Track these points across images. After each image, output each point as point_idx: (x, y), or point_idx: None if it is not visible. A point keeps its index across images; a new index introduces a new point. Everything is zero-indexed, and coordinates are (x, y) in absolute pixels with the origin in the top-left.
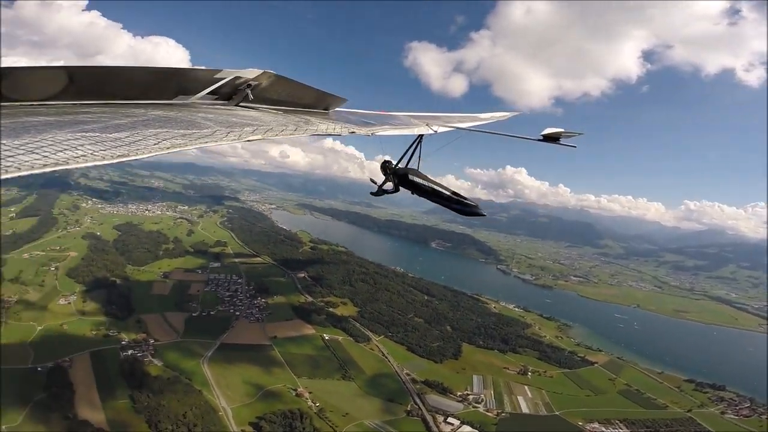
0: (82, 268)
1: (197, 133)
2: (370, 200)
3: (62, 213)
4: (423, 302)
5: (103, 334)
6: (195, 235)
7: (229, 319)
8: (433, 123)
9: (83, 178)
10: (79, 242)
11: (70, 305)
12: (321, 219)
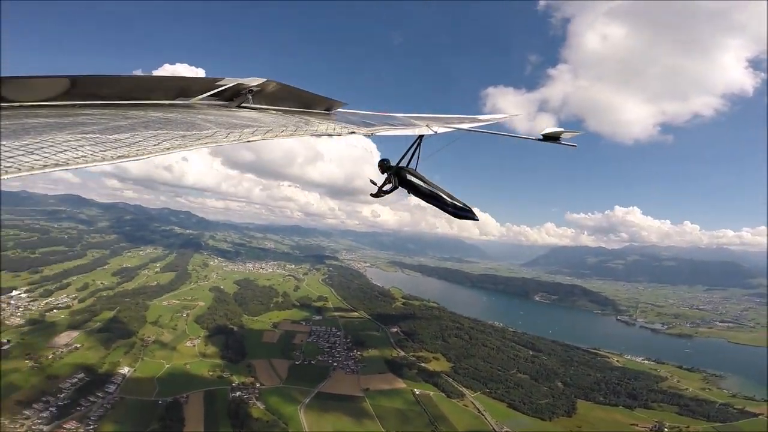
0: (207, 316)
1: (197, 135)
2: (461, 255)
3: (195, 269)
4: (527, 358)
5: (217, 375)
6: (300, 290)
7: (327, 369)
8: (434, 124)
9: (212, 240)
10: (207, 294)
11: (194, 347)
12: (411, 276)
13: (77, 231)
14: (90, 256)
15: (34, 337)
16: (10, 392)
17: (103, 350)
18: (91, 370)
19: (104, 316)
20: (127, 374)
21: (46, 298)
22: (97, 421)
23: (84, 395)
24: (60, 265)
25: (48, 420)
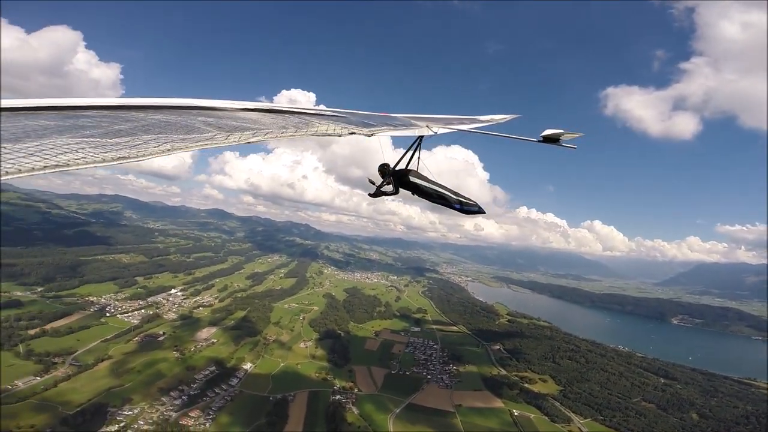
0: (320, 320)
1: (197, 137)
2: (579, 272)
3: (312, 276)
4: (657, 386)
5: (322, 378)
6: (401, 301)
7: (421, 381)
8: (434, 124)
9: (326, 250)
10: (321, 300)
11: (306, 349)
12: (519, 292)
13: (221, 240)
14: (230, 261)
15: (183, 330)
16: (156, 379)
17: (233, 346)
18: (221, 363)
19: (237, 315)
20: (249, 370)
21: (195, 296)
22: (216, 411)
23: (212, 387)
24: (207, 269)
25: (178, 407)
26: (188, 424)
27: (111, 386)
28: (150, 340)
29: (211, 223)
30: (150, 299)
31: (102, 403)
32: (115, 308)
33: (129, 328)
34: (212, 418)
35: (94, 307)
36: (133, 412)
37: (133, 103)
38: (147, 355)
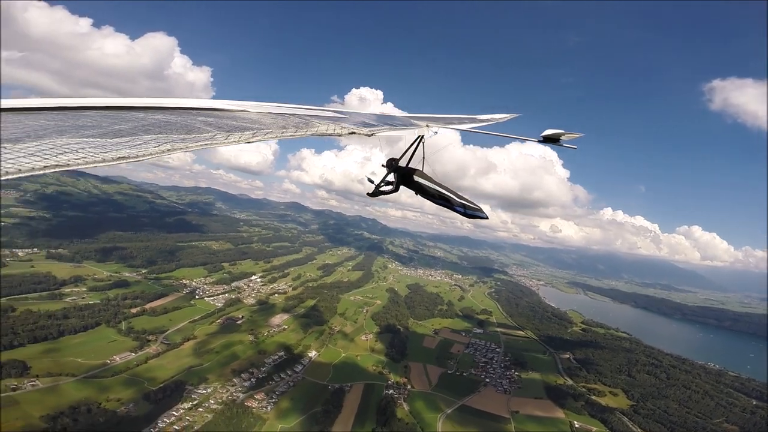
0: (382, 314)
1: (197, 137)
2: (670, 282)
3: (377, 270)
4: (746, 408)
5: (378, 371)
6: (465, 301)
7: (478, 384)
8: (434, 123)
9: (391, 245)
10: (384, 294)
11: (367, 342)
12: (598, 300)
13: (297, 231)
14: (304, 252)
15: (259, 315)
16: (231, 360)
17: (302, 333)
18: (289, 349)
19: (307, 304)
20: (313, 357)
21: (272, 284)
22: (279, 396)
23: (278, 371)
24: (284, 258)
25: (246, 389)
26: (252, 406)
27: (192, 365)
28: (230, 323)
29: (289, 215)
30: (233, 284)
31: (182, 381)
32: (204, 291)
33: (213, 311)
34: (274, 402)
35: (186, 289)
36: (206, 391)
37: (133, 104)
38: (226, 337)
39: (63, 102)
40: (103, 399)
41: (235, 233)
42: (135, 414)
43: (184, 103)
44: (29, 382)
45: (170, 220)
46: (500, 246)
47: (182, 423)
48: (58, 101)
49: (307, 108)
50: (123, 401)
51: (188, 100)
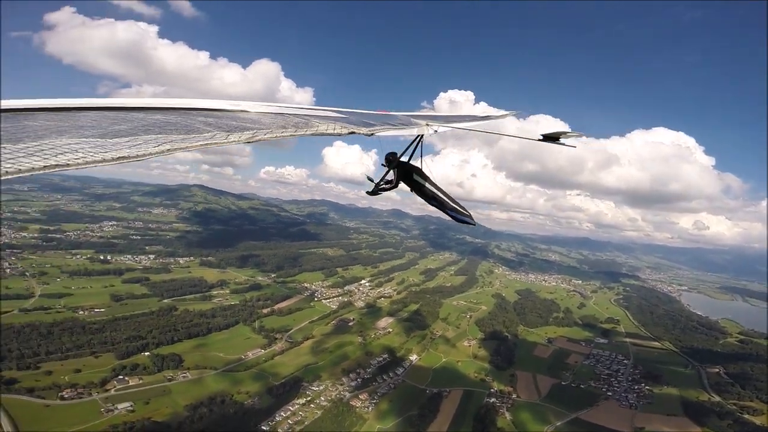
0: (487, 320)
1: (197, 137)
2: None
3: (482, 275)
4: None
5: (480, 378)
6: (586, 308)
7: (597, 397)
8: (433, 123)
9: (497, 249)
10: (489, 299)
11: (469, 348)
12: (759, 307)
13: (400, 237)
14: (407, 257)
15: (367, 318)
16: (342, 360)
17: (405, 337)
18: (392, 352)
19: (411, 308)
20: (414, 361)
21: (379, 288)
22: (380, 397)
23: (381, 373)
24: (389, 263)
25: (352, 389)
26: (356, 405)
27: (309, 363)
28: (342, 324)
29: (392, 221)
30: (346, 288)
31: (299, 378)
32: (321, 294)
33: (329, 312)
34: (375, 402)
35: (307, 292)
36: (319, 389)
37: (133, 104)
38: (339, 338)
39: (63, 102)
40: (235, 391)
41: (347, 240)
42: (258, 407)
43: (183, 104)
44: (182, 374)
45: (293, 230)
46: (628, 247)
47: (295, 418)
48: (58, 101)
49: (307, 108)
50: (250, 394)
51: (188, 100)
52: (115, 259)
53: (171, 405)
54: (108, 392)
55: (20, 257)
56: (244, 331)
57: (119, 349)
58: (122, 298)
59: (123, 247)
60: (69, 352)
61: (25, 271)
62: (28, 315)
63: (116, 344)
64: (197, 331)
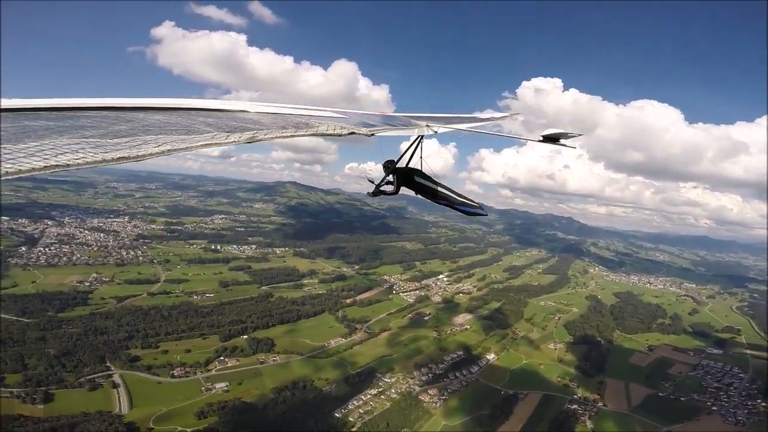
0: (577, 323)
1: (197, 138)
2: None
3: (574, 275)
4: None
5: (564, 383)
6: (699, 315)
7: (698, 411)
8: (434, 123)
9: (593, 247)
10: (582, 301)
11: (554, 351)
12: None
13: (482, 232)
14: (489, 253)
15: (444, 313)
16: (415, 354)
17: (483, 335)
18: (468, 350)
19: (491, 306)
20: (491, 360)
21: (457, 283)
22: (450, 394)
23: (454, 370)
24: (469, 258)
25: (422, 383)
26: (424, 400)
27: (384, 354)
28: (418, 318)
29: None
30: (423, 282)
31: (373, 368)
32: (399, 287)
33: (406, 306)
34: (444, 399)
35: (386, 284)
36: (390, 381)
37: (133, 104)
38: (414, 332)
39: (63, 102)
40: (315, 377)
41: (425, 234)
42: (335, 394)
43: (183, 104)
44: (272, 358)
45: (375, 224)
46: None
47: (366, 407)
48: (58, 101)
49: (306, 108)
50: (329, 381)
51: (188, 100)
52: (223, 248)
53: (260, 387)
54: (210, 372)
55: (150, 246)
56: (328, 319)
57: (223, 332)
58: (228, 285)
59: (230, 238)
60: (183, 333)
61: (153, 259)
62: (154, 298)
63: (221, 327)
64: (288, 318)
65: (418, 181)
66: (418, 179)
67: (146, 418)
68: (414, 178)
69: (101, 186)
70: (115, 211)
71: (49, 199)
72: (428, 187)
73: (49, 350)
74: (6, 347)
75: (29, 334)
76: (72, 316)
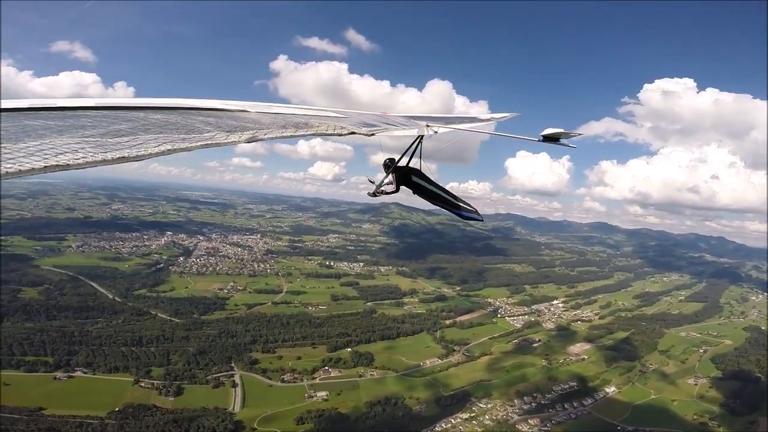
0: (730, 357)
1: (197, 137)
2: None
3: (728, 302)
4: None
5: (700, 422)
6: None
7: None
8: (434, 124)
9: (755, 271)
10: (738, 332)
11: (694, 387)
12: None
13: (606, 254)
14: (616, 278)
15: (557, 341)
16: (518, 381)
17: (603, 366)
18: (583, 381)
19: (617, 336)
20: (609, 393)
21: (575, 310)
22: (553, 426)
23: (563, 401)
24: (590, 284)
25: (522, 412)
26: (522, 429)
27: (481, 379)
28: (525, 345)
29: (594, 236)
30: (533, 307)
31: (468, 392)
32: (505, 311)
33: (511, 330)
34: (546, 430)
35: (490, 307)
36: (486, 406)
37: (133, 104)
38: (518, 358)
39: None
40: (407, 396)
41: (537, 256)
42: (424, 414)
43: (183, 103)
44: (370, 372)
45: (478, 245)
46: None
47: (454, 431)
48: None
49: (306, 108)
50: (420, 400)
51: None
52: (335, 265)
53: (355, 399)
54: (314, 380)
55: (276, 260)
56: (426, 339)
57: (331, 343)
58: (339, 299)
59: (341, 256)
60: (297, 341)
61: (278, 272)
62: (277, 307)
63: (329, 338)
64: (389, 334)
65: (417, 182)
66: (417, 179)
67: (253, 418)
68: (412, 178)
69: (240, 207)
70: (250, 229)
71: (202, 218)
72: (426, 187)
73: (189, 348)
74: (158, 343)
75: (177, 333)
76: (211, 319)
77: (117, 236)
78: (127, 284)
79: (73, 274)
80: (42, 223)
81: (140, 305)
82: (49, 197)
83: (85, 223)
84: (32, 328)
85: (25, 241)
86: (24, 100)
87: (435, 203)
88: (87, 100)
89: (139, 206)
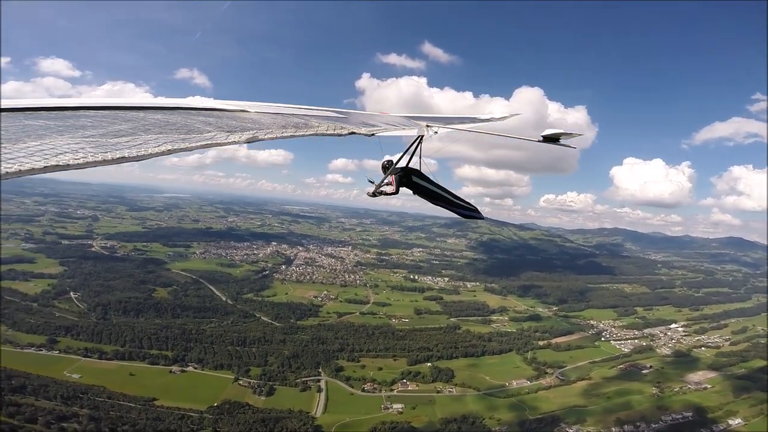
0: None
1: (197, 137)
2: None
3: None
4: None
5: None
6: None
7: None
8: (434, 124)
9: None
10: None
11: None
12: None
13: (741, 274)
14: (754, 300)
15: (672, 368)
16: (620, 409)
17: (730, 397)
18: (702, 412)
19: (753, 364)
20: (733, 426)
21: (699, 335)
22: None
23: None
24: (720, 306)
25: None
26: None
27: (576, 404)
28: (633, 371)
29: (726, 254)
30: (646, 330)
31: (558, 417)
32: (611, 334)
33: (617, 355)
34: None
35: (592, 330)
36: None
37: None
38: (623, 384)
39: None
40: (487, 416)
41: (652, 276)
42: None
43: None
44: (448, 389)
45: (580, 263)
46: None
47: None
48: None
49: (306, 108)
50: (501, 422)
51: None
52: (419, 278)
53: (430, 415)
54: (392, 392)
55: (365, 272)
56: (514, 359)
57: (411, 356)
58: (422, 312)
59: (426, 270)
60: (379, 352)
61: (366, 283)
62: (363, 317)
63: (410, 351)
64: (472, 352)
65: (416, 182)
66: (417, 180)
67: (331, 424)
68: (412, 179)
69: (333, 221)
70: (342, 241)
71: (301, 230)
72: (426, 187)
73: (285, 351)
74: (260, 344)
75: (276, 336)
76: (305, 325)
77: (231, 245)
78: (238, 288)
79: (196, 278)
80: (174, 232)
81: (247, 308)
82: (180, 210)
83: (206, 232)
84: (160, 324)
85: (161, 247)
86: (24, 100)
87: (435, 203)
88: (87, 99)
89: (250, 219)
